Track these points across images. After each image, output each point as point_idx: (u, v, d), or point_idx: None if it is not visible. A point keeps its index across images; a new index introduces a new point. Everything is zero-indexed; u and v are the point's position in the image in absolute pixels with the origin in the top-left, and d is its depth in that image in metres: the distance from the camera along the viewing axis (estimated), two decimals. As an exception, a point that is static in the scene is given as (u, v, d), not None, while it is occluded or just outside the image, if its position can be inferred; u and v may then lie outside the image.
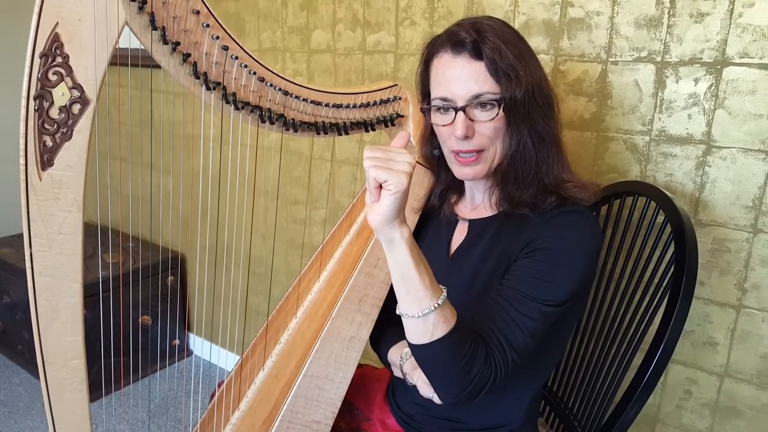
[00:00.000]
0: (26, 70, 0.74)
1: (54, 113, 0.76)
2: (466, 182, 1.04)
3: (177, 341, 2.47)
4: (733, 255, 1.20)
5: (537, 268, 0.88)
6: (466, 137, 0.90)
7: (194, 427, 1.09)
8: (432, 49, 0.94)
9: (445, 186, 1.06)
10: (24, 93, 0.75)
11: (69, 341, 0.84)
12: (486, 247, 0.98)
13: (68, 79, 0.76)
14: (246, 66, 0.88)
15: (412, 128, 1.07)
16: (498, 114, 0.89)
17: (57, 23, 0.74)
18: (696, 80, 1.18)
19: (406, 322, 0.82)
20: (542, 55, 1.35)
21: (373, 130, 1.05)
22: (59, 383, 0.85)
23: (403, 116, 1.07)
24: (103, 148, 2.48)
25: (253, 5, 1.93)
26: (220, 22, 0.85)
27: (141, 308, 2.32)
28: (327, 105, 0.99)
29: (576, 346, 1.20)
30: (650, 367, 0.93)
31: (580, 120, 1.33)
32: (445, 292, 0.81)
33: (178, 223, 2.38)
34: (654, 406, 1.34)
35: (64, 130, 0.77)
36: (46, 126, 0.76)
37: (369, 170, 0.74)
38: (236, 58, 0.87)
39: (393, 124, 1.07)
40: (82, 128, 0.78)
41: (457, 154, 0.93)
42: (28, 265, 0.80)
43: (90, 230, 2.27)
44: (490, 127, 0.90)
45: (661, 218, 1.07)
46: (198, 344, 2.52)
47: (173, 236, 2.46)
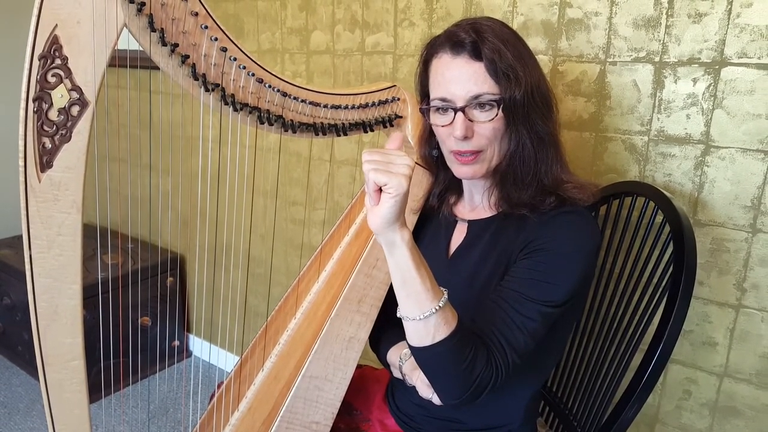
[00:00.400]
0: (25, 71, 0.74)
1: (53, 115, 0.76)
2: (465, 183, 1.04)
3: (177, 342, 2.47)
4: (732, 255, 1.20)
5: (536, 269, 0.88)
6: (465, 138, 0.90)
7: (194, 428, 1.09)
8: (431, 49, 0.94)
9: (443, 186, 1.07)
10: (23, 95, 0.75)
11: (68, 343, 0.84)
12: (485, 247, 0.98)
13: (67, 81, 0.76)
14: (245, 67, 0.89)
15: (411, 129, 1.07)
16: (497, 115, 0.89)
17: (56, 25, 0.74)
18: (694, 80, 1.18)
19: (407, 324, 0.82)
20: (541, 56, 1.35)
21: (372, 130, 1.05)
22: (59, 384, 0.85)
23: (401, 117, 1.07)
24: (102, 150, 2.48)
25: (252, 6, 1.94)
26: (219, 23, 0.85)
27: (141, 309, 2.32)
28: (325, 106, 0.99)
29: (575, 345, 1.20)
30: (649, 367, 0.93)
31: (578, 120, 1.33)
32: (446, 295, 0.81)
33: (177, 224, 2.38)
34: (653, 405, 1.34)
35: (63, 132, 0.77)
36: (45, 128, 0.76)
37: (368, 173, 0.74)
38: (235, 59, 0.87)
39: (392, 125, 1.07)
40: (81, 130, 0.78)
41: (456, 154, 0.94)
42: (27, 266, 0.80)
43: (90, 231, 2.27)
44: (489, 127, 0.90)
45: (659, 218, 1.07)
46: (198, 345, 2.52)
47: (173, 237, 2.47)
